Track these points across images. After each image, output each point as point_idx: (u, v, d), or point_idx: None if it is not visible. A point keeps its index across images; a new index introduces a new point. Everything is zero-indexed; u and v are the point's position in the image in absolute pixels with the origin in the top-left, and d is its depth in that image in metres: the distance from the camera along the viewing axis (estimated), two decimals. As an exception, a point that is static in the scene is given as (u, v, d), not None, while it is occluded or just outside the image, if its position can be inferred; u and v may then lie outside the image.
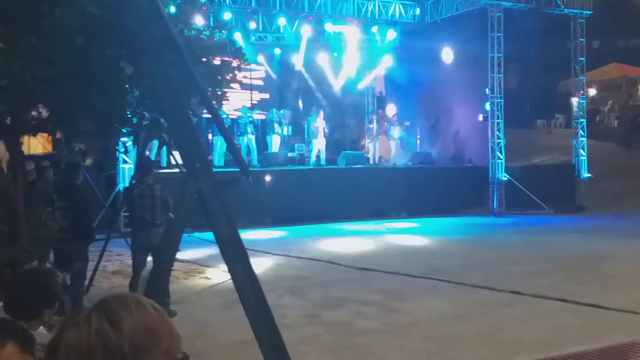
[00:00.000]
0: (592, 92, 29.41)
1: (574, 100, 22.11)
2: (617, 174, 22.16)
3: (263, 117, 22.12)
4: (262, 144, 21.32)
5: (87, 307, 1.37)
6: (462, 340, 7.35)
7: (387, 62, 23.49)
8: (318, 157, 21.09)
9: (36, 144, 14.70)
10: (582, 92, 22.06)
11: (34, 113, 7.02)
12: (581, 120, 21.92)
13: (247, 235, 10.23)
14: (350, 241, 15.25)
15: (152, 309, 1.37)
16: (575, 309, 8.55)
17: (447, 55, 21.73)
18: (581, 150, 21.64)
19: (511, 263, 11.93)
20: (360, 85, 24.26)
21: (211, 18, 9.23)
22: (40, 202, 7.15)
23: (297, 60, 22.77)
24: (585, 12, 21.29)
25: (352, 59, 23.04)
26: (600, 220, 18.25)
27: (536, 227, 17.62)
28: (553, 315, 8.37)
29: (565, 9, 20.94)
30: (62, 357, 1.30)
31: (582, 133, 21.77)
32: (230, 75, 8.04)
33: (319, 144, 21.10)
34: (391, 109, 23.76)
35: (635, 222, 17.58)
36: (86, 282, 8.73)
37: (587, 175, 21.44)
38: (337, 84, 23.46)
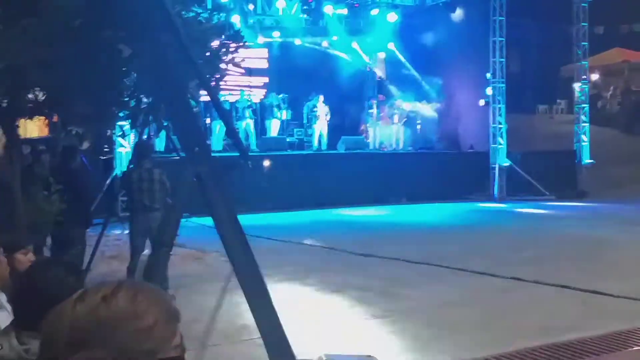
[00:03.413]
0: (594, 77, 29.24)
1: (576, 86, 21.94)
2: (619, 160, 22.05)
3: (262, 96, 22.03)
4: (261, 129, 21.21)
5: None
6: (462, 326, 7.31)
7: (387, 45, 23.35)
8: (320, 141, 20.99)
9: (32, 128, 14.61)
10: (584, 77, 21.90)
11: (30, 96, 6.94)
12: (583, 105, 21.78)
13: (246, 220, 10.15)
14: (349, 226, 15.19)
15: (128, 301, 1.24)
16: (575, 295, 8.51)
17: (449, 38, 21.55)
18: (583, 136, 21.53)
19: (511, 249, 11.89)
20: (361, 69, 24.11)
21: (209, 0, 9.12)
22: (37, 186, 7.10)
23: (299, 42, 22.58)
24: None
25: (351, 42, 22.89)
26: (602, 207, 18.18)
27: (537, 213, 17.55)
28: (553, 301, 8.34)
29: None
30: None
31: (584, 119, 21.64)
32: (229, 58, 7.96)
33: (321, 128, 20.98)
34: (392, 94, 23.60)
35: (636, 208, 17.51)
36: (84, 267, 8.68)
37: (588, 161, 21.34)
38: (337, 68, 23.31)
